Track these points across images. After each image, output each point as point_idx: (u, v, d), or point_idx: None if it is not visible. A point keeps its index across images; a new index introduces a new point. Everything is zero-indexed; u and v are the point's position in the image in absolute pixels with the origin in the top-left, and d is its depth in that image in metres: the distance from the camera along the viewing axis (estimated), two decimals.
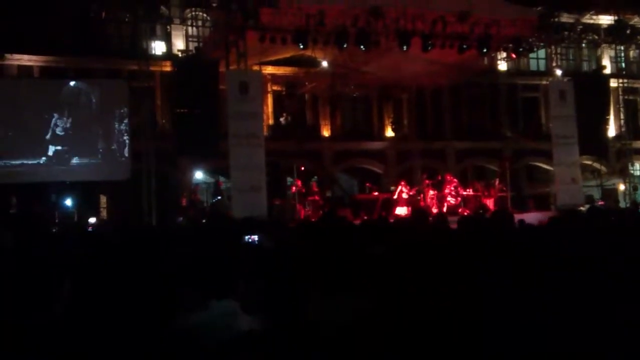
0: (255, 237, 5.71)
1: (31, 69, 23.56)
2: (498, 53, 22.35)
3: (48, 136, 19.52)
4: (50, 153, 19.51)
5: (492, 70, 27.81)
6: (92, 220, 19.47)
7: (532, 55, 26.96)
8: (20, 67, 23.34)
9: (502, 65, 28.01)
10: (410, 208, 19.15)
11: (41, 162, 19.39)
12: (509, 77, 29.94)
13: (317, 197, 20.28)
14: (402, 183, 20.43)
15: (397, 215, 18.23)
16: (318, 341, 2.21)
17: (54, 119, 19.59)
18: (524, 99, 30.81)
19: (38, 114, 19.46)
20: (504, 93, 30.21)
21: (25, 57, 23.14)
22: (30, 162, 19.29)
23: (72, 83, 20.40)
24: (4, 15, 20.38)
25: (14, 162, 19.14)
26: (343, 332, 2.22)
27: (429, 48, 17.57)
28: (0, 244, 6.00)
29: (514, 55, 20.99)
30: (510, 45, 19.66)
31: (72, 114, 19.78)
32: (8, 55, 22.06)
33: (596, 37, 29.38)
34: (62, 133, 19.68)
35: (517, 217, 8.05)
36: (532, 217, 14.05)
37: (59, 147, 19.59)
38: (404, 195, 19.88)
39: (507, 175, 21.32)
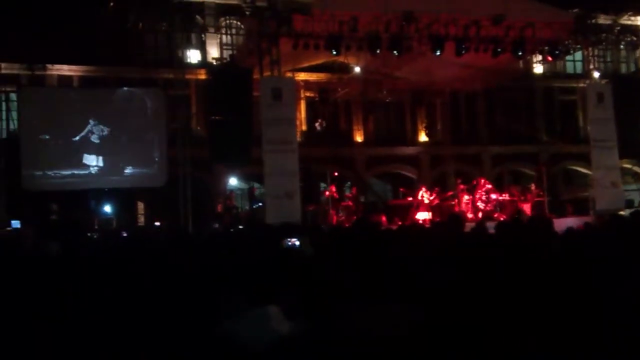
0: (297, 242, 5.75)
1: (71, 79, 24.13)
2: (533, 56, 22.03)
3: (98, 145, 19.52)
4: (100, 163, 19.50)
5: (527, 73, 27.44)
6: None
7: (568, 57, 26.53)
8: (60, 77, 23.93)
9: (538, 69, 27.60)
10: (432, 213, 19.05)
11: (92, 172, 19.40)
12: (545, 80, 29.51)
13: (350, 203, 20.26)
14: (423, 188, 20.34)
15: (418, 220, 18.07)
16: (359, 349, 2.22)
17: (103, 127, 19.54)
18: (560, 102, 30.32)
19: (86, 123, 19.47)
20: (540, 96, 29.78)
21: (65, 67, 23.73)
22: (81, 172, 19.29)
23: (124, 89, 20.55)
24: (45, 27, 20.92)
25: (64, 173, 19.19)
26: (386, 343, 2.23)
27: (463, 52, 17.42)
28: (47, 252, 6.15)
29: (549, 58, 20.64)
30: (546, 47, 19.36)
31: (125, 123, 19.79)
32: (49, 66, 22.63)
33: (634, 38, 28.78)
34: (113, 142, 19.65)
35: (556, 222, 7.92)
36: (570, 222, 13.79)
37: (112, 157, 19.59)
38: (425, 201, 19.78)
39: (544, 179, 20.97)
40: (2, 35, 18.72)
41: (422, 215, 19.22)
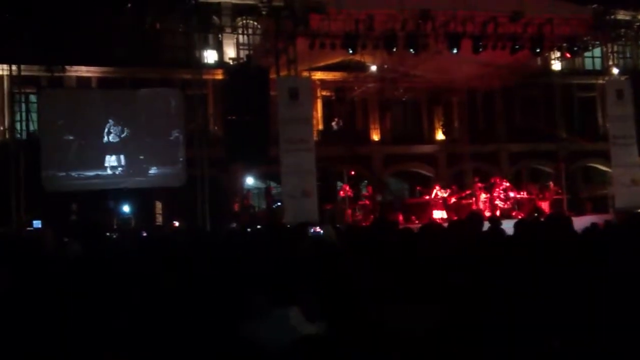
0: (320, 230, 5.78)
1: (89, 80, 24.36)
2: (552, 53, 21.85)
3: (119, 145, 19.57)
4: (123, 163, 19.57)
5: (545, 70, 27.19)
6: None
7: (587, 54, 26.23)
8: (79, 78, 24.16)
9: (556, 65, 27.35)
10: (448, 212, 18.98)
11: (117, 172, 19.49)
12: (563, 77, 29.20)
13: (367, 202, 20.24)
14: (437, 186, 20.31)
15: (435, 219, 18.00)
16: (381, 349, 2.22)
17: (123, 127, 19.60)
18: (579, 99, 30.02)
19: (106, 122, 19.50)
20: (558, 93, 29.48)
21: (84, 68, 23.95)
22: (104, 173, 19.36)
23: (145, 89, 20.68)
24: (63, 28, 21.13)
25: (88, 173, 19.24)
26: (408, 342, 2.23)
27: (480, 50, 17.32)
28: (69, 253, 6.22)
29: (568, 55, 20.47)
30: (565, 44, 19.18)
31: (148, 122, 19.80)
32: (68, 67, 22.85)
33: None
34: (136, 142, 19.68)
35: (575, 220, 7.84)
36: (589, 220, 13.66)
37: (136, 157, 19.66)
38: (440, 199, 19.74)
39: (563, 177, 20.80)
40: (20, 37, 18.94)
41: (438, 214, 19.16)
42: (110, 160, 19.51)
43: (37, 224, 17.80)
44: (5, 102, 22.35)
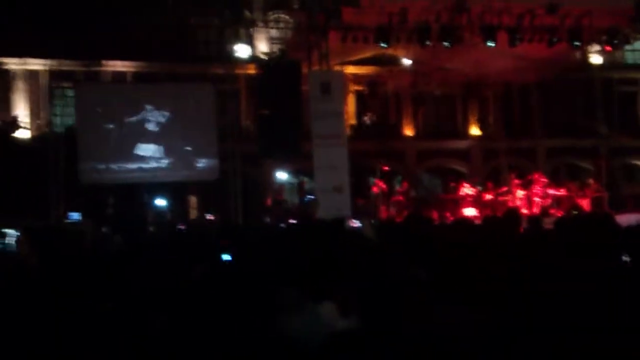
0: (358, 223, 5.73)
1: (124, 74, 24.66)
2: (591, 46, 21.31)
3: (159, 136, 19.81)
4: (162, 155, 19.73)
5: (584, 64, 26.53)
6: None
7: (628, 47, 25.53)
8: (114, 73, 24.48)
9: (596, 59, 26.67)
10: (480, 209, 18.65)
11: (163, 165, 19.74)
12: (603, 71, 28.47)
13: (401, 198, 20.06)
14: (465, 184, 20.05)
15: (465, 217, 17.70)
16: (417, 349, 2.13)
17: (162, 120, 19.80)
18: (620, 93, 29.24)
19: (144, 115, 19.76)
20: (598, 88, 28.79)
21: (119, 63, 24.25)
22: (146, 165, 19.62)
23: (183, 83, 20.86)
24: (99, 23, 21.42)
25: (128, 166, 19.56)
26: (447, 343, 2.14)
27: (516, 43, 17.00)
28: (110, 246, 6.27)
29: (608, 48, 19.93)
30: (604, 37, 18.69)
31: (187, 117, 19.98)
32: (104, 62, 23.19)
33: None
34: (177, 136, 19.86)
35: (616, 218, 7.59)
36: (631, 219, 13.28)
37: (181, 150, 19.86)
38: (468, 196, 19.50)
39: (603, 174, 20.29)
40: (57, 32, 19.27)
41: (469, 212, 18.85)
42: (151, 152, 19.73)
43: (73, 216, 18.10)
44: (44, 96, 22.76)
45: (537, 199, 19.35)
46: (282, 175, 25.48)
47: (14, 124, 21.96)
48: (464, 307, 2.36)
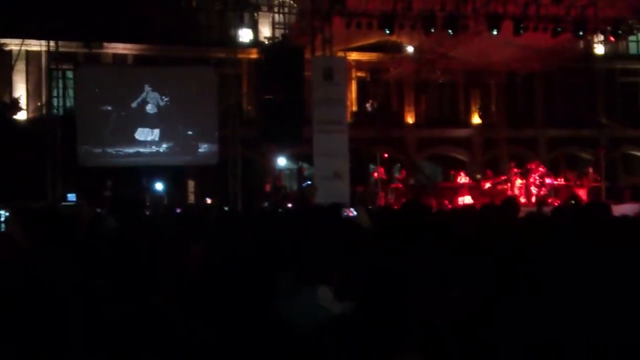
0: (353, 212, 5.73)
1: (125, 57, 24.53)
2: (595, 36, 21.20)
3: (159, 119, 19.72)
4: (170, 140, 19.72)
5: (588, 54, 26.40)
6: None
7: (631, 38, 25.41)
8: (115, 55, 24.35)
9: (599, 49, 26.54)
10: (475, 198, 18.71)
11: (162, 150, 19.70)
12: (606, 61, 28.36)
13: (400, 185, 20.06)
14: (462, 172, 20.09)
15: (460, 205, 17.76)
16: (411, 332, 2.14)
17: (162, 104, 19.73)
18: (622, 84, 29.14)
19: (144, 92, 19.68)
20: (600, 78, 28.68)
21: (120, 45, 24.11)
22: (147, 150, 19.61)
23: (181, 67, 20.73)
24: (101, 5, 21.28)
25: (127, 150, 19.51)
26: (440, 325, 2.14)
27: (521, 32, 16.89)
28: (105, 227, 6.26)
29: (612, 39, 19.83)
30: (608, 27, 18.58)
31: (183, 100, 19.86)
32: (105, 44, 23.06)
33: None
34: (175, 117, 19.75)
35: (613, 208, 7.58)
36: (628, 209, 13.29)
37: (183, 135, 19.79)
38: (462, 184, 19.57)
39: (602, 164, 20.26)
40: (58, 13, 19.14)
41: (463, 200, 18.90)
42: (151, 136, 19.68)
43: (72, 197, 18.09)
44: (43, 78, 22.65)
45: (534, 188, 19.36)
46: (281, 161, 25.46)
47: (15, 106, 21.88)
48: (457, 290, 2.36)
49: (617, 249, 3.80)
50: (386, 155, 21.31)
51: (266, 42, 21.46)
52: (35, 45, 22.33)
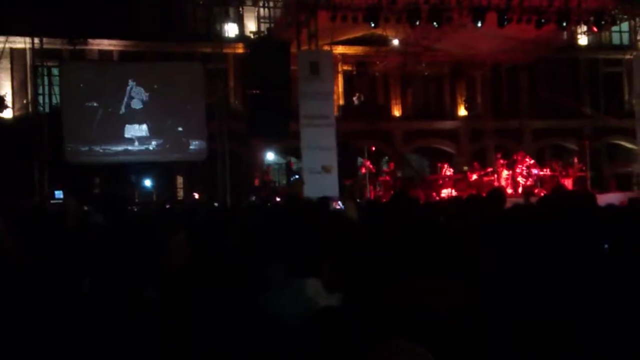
0: (341, 205, 5.79)
1: (111, 53, 24.39)
2: (578, 27, 21.36)
3: (145, 115, 19.70)
4: (159, 137, 19.71)
5: (571, 45, 26.60)
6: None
7: (614, 28, 25.59)
8: (100, 51, 24.21)
9: (583, 40, 26.74)
10: (457, 190, 18.92)
11: (151, 147, 19.68)
12: (589, 52, 28.60)
13: (388, 178, 20.17)
14: (446, 165, 20.28)
15: (443, 198, 17.97)
16: (398, 323, 2.20)
17: (148, 94, 19.74)
18: (605, 74, 29.40)
19: (129, 87, 19.69)
20: (584, 69, 28.93)
21: (105, 41, 23.96)
22: (135, 147, 19.57)
23: (171, 62, 20.70)
24: (85, 1, 21.12)
25: (114, 148, 19.46)
26: (428, 316, 2.21)
27: (505, 23, 17.00)
28: (92, 223, 6.28)
29: (595, 29, 20.00)
30: (591, 18, 18.73)
31: (169, 95, 19.86)
32: (90, 40, 22.89)
33: None
34: (170, 113, 19.75)
35: (598, 197, 7.71)
36: (613, 198, 13.48)
37: (173, 132, 19.82)
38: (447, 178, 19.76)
39: (587, 154, 20.49)
40: (42, 10, 18.98)
41: (446, 192, 19.09)
42: (139, 133, 19.62)
43: (59, 194, 18.03)
44: (28, 75, 22.49)
45: (520, 179, 19.54)
46: (270, 156, 25.48)
47: (0, 104, 21.72)
48: (445, 280, 2.43)
49: (603, 238, 3.90)
50: (374, 148, 21.40)
51: (252, 37, 21.41)
52: (20, 43, 22.15)
